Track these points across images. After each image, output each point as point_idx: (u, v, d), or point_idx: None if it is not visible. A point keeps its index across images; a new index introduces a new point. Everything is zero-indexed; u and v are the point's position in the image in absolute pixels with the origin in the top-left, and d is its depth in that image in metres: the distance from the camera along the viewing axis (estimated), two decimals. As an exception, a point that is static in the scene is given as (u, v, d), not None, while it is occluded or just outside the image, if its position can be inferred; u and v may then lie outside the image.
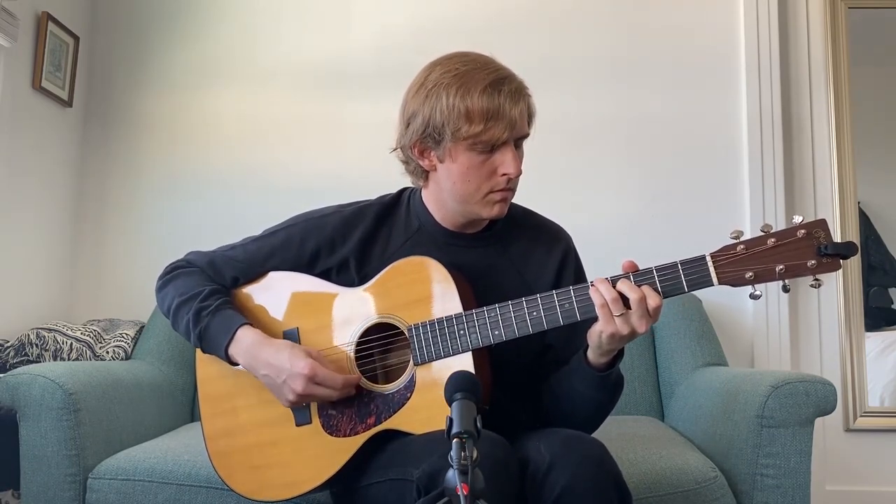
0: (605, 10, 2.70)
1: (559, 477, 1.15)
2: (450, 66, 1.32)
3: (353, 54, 2.72)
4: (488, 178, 1.32)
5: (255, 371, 1.36)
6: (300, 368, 1.31)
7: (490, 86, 1.28)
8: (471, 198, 1.34)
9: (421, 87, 1.33)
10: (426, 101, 1.30)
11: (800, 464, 1.65)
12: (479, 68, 1.30)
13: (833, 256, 1.17)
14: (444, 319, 1.31)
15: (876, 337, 2.68)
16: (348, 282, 1.43)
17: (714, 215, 2.59)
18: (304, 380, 1.30)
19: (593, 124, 2.65)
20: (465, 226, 1.42)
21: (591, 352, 1.28)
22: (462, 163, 1.31)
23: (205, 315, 1.39)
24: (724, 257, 1.20)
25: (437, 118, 1.29)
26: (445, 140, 1.30)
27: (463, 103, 1.27)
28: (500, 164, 1.31)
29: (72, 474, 1.69)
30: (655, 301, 1.20)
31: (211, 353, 1.41)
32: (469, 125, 1.27)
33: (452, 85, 1.28)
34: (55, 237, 2.62)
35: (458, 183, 1.33)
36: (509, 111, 1.28)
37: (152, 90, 2.76)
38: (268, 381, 1.36)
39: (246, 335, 1.37)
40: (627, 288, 1.20)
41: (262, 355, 1.35)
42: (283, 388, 1.33)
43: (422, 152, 1.36)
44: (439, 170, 1.36)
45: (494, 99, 1.27)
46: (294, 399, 1.33)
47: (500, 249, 1.44)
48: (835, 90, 2.68)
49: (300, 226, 1.48)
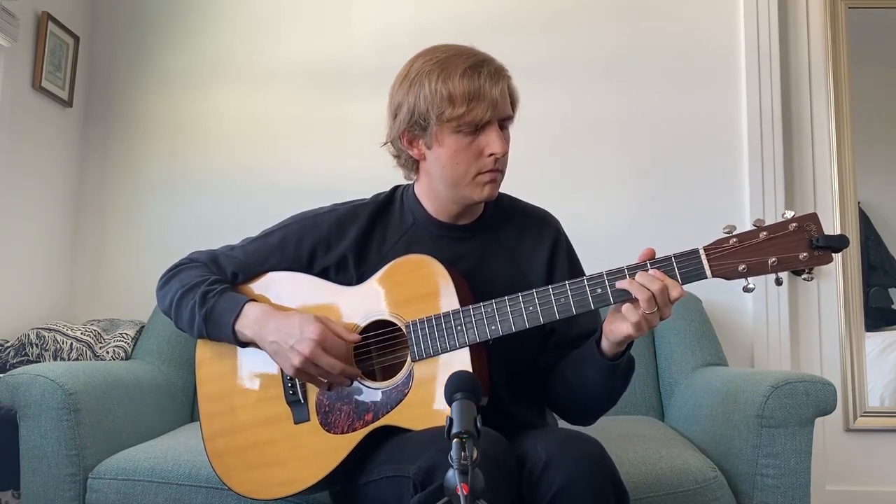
0: (605, 11, 2.71)
1: (556, 476, 1.16)
2: (430, 55, 1.37)
3: (353, 54, 2.72)
4: (476, 159, 1.35)
5: (263, 339, 1.36)
6: (310, 333, 1.31)
7: (469, 68, 1.32)
8: (460, 181, 1.36)
9: (405, 79, 1.37)
10: (410, 91, 1.35)
11: (800, 464, 1.65)
12: (458, 54, 1.35)
13: (825, 249, 1.19)
14: (441, 315, 1.32)
15: (876, 337, 2.68)
16: (347, 280, 1.44)
17: (714, 215, 2.58)
18: (313, 344, 1.31)
19: (593, 124, 2.65)
20: (458, 216, 1.44)
21: (607, 343, 1.29)
22: (449, 146, 1.34)
23: (211, 297, 1.40)
24: (717, 250, 1.22)
25: (421, 105, 1.33)
26: (431, 125, 1.33)
27: (445, 87, 1.31)
28: (486, 145, 1.34)
29: (72, 474, 1.69)
30: (677, 291, 1.21)
31: (216, 335, 1.41)
32: (452, 108, 1.31)
33: (434, 71, 1.33)
34: (55, 237, 2.62)
35: (447, 167, 1.36)
36: (490, 91, 1.31)
37: (152, 90, 2.76)
38: (274, 349, 1.35)
39: (253, 309, 1.38)
40: (646, 280, 1.21)
41: (271, 323, 1.35)
42: (290, 352, 1.32)
43: (410, 141, 1.39)
44: (428, 157, 1.38)
45: (475, 80, 1.31)
46: (299, 363, 1.32)
47: (492, 237, 1.46)
48: (835, 90, 2.68)
49: (296, 225, 1.49)
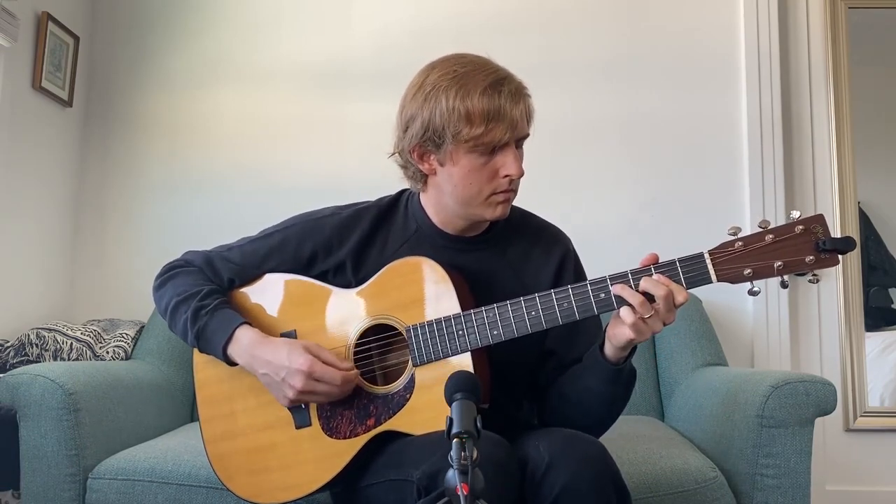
0: (605, 11, 2.70)
1: (558, 477, 1.15)
2: (447, 67, 1.30)
3: (353, 54, 2.72)
4: (490, 180, 1.31)
5: (255, 370, 1.36)
6: (298, 365, 1.30)
7: (490, 87, 1.26)
8: (473, 200, 1.33)
9: (419, 90, 1.31)
10: (425, 104, 1.29)
11: (800, 464, 1.65)
12: (478, 69, 1.29)
13: (831, 252, 1.17)
14: (442, 320, 1.30)
15: (876, 337, 2.68)
16: (345, 284, 1.42)
17: (714, 215, 2.58)
18: (303, 376, 1.30)
19: (593, 124, 2.65)
20: (464, 229, 1.41)
21: (610, 348, 1.27)
22: (463, 166, 1.30)
23: (203, 314, 1.38)
24: (723, 254, 1.20)
25: (436, 121, 1.27)
26: (446, 143, 1.28)
27: (463, 105, 1.25)
28: (501, 166, 1.30)
29: (72, 474, 1.69)
30: (683, 296, 1.19)
31: (208, 353, 1.41)
32: (470, 127, 1.25)
33: (451, 87, 1.27)
34: (55, 237, 2.62)
35: (459, 186, 1.32)
36: (510, 112, 1.26)
37: (152, 90, 2.76)
38: (267, 381, 1.35)
39: (244, 334, 1.36)
40: (651, 285, 1.20)
41: (261, 354, 1.34)
42: (283, 385, 1.32)
43: (421, 156, 1.34)
44: (439, 173, 1.34)
45: (495, 100, 1.25)
46: (293, 396, 1.32)
47: (498, 252, 1.43)
48: (835, 90, 2.68)
49: (297, 227, 1.47)
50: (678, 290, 1.19)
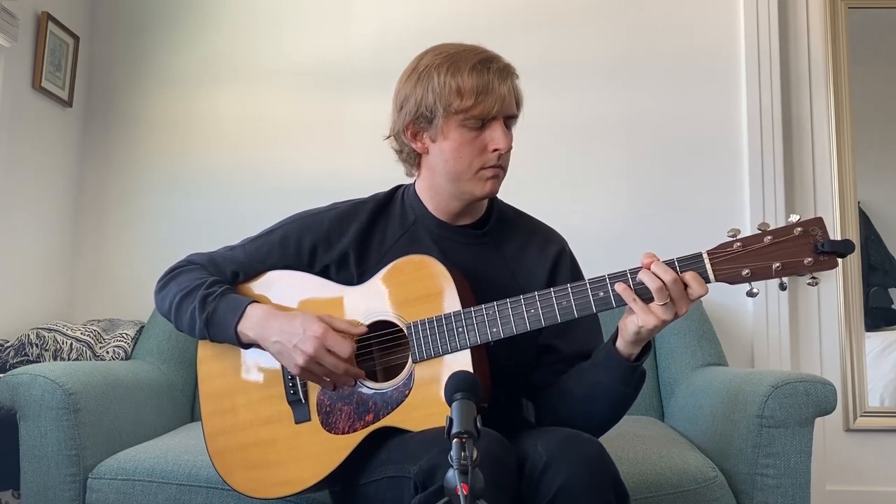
0: (605, 10, 2.70)
1: (556, 476, 1.15)
2: (439, 50, 1.39)
3: (353, 54, 2.72)
4: (479, 153, 1.36)
5: (266, 339, 1.36)
6: (313, 331, 1.31)
7: (479, 63, 1.34)
8: (463, 175, 1.37)
9: (412, 73, 1.39)
10: (418, 84, 1.36)
11: (800, 464, 1.65)
12: (468, 50, 1.37)
13: (830, 254, 1.17)
14: (442, 317, 1.31)
15: (876, 337, 2.68)
16: (347, 278, 1.44)
17: (714, 215, 2.58)
18: (316, 342, 1.31)
19: (593, 124, 2.65)
20: (458, 215, 1.44)
21: (624, 343, 1.27)
22: (454, 139, 1.35)
23: (211, 300, 1.40)
24: (721, 254, 1.21)
25: (429, 97, 1.34)
26: (437, 118, 1.35)
27: (454, 80, 1.33)
28: (490, 141, 1.35)
29: (72, 474, 1.69)
30: (703, 289, 1.20)
31: (219, 338, 1.41)
32: (460, 100, 1.32)
33: (443, 65, 1.35)
34: (55, 237, 2.62)
35: (450, 160, 1.37)
36: (498, 87, 1.33)
37: (152, 90, 2.76)
38: (278, 348, 1.35)
39: (256, 310, 1.38)
40: (661, 270, 1.20)
41: (274, 323, 1.35)
42: (293, 352, 1.32)
43: (415, 134, 1.40)
44: (431, 151, 1.39)
45: (484, 75, 1.33)
46: (302, 363, 1.32)
47: (494, 248, 1.46)
48: (835, 90, 2.68)
49: (296, 223, 1.49)
50: (696, 281, 1.19)
